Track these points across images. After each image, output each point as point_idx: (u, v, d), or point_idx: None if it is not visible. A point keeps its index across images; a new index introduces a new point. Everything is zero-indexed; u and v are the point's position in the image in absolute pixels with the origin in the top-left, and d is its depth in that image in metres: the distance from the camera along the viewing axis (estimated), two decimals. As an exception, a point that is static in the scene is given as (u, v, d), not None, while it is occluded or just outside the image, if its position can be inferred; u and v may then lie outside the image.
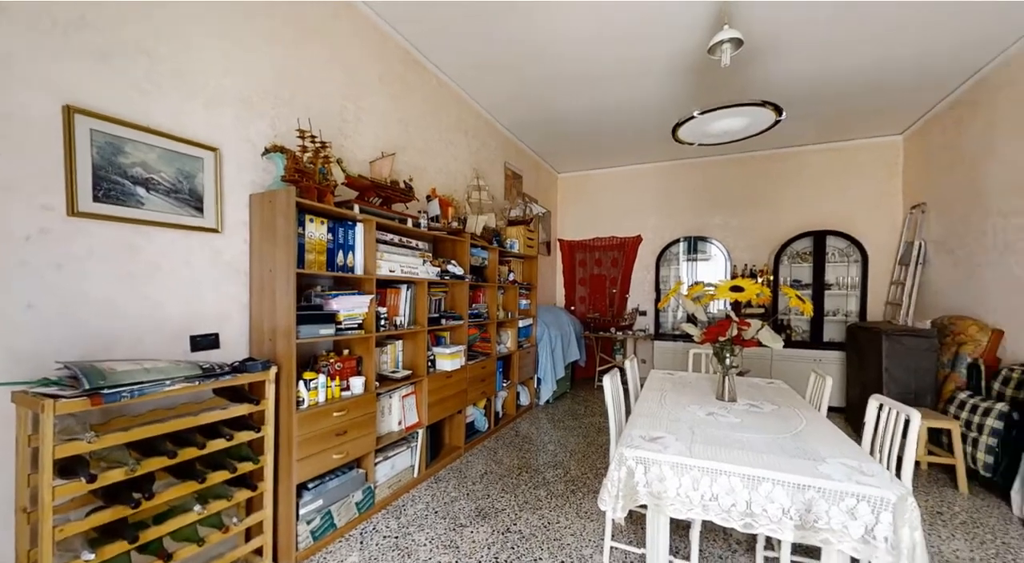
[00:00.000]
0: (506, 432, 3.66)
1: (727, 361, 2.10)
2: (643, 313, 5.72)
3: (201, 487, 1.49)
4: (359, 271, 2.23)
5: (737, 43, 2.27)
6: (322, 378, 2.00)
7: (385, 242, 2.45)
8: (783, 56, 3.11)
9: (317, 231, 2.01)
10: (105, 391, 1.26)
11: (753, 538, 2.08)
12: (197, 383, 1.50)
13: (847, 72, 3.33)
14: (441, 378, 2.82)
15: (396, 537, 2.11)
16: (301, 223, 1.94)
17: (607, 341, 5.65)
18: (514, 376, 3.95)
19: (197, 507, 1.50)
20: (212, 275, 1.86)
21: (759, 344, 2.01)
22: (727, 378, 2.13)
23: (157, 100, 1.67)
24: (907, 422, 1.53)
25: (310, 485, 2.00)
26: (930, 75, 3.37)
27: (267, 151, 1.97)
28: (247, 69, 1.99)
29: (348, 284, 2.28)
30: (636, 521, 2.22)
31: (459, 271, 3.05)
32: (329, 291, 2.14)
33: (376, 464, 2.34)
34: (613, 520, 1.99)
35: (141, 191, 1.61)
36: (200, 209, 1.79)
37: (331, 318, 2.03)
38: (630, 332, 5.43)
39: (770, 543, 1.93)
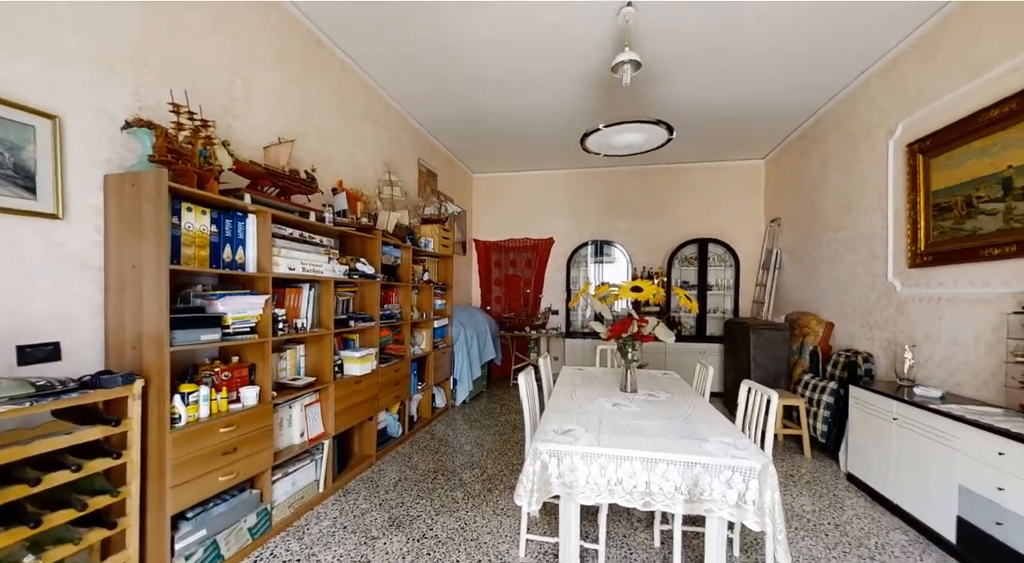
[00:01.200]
0: (421, 436, 3.56)
1: (629, 355, 2.28)
2: (555, 312, 5.97)
3: (35, 532, 1.21)
4: (251, 268, 1.99)
5: (636, 65, 2.48)
6: (204, 390, 1.75)
7: (284, 237, 2.22)
8: (673, 82, 3.48)
9: (197, 222, 1.76)
10: None
11: (651, 515, 2.28)
12: (28, 404, 1.21)
13: (721, 102, 3.84)
14: (350, 383, 2.64)
15: (298, 560, 1.92)
16: (176, 212, 1.68)
17: (522, 340, 5.79)
18: (429, 378, 3.86)
19: (29, 557, 1.21)
20: (50, 271, 1.51)
21: (656, 339, 2.22)
22: (629, 371, 2.31)
23: (-34, 49, 1.32)
24: (768, 402, 1.80)
25: (189, 514, 1.73)
26: (782, 111, 4.02)
27: (128, 125, 1.66)
28: (105, 27, 1.66)
29: (238, 283, 2.02)
30: (549, 512, 2.30)
31: (369, 270, 2.88)
32: (214, 290, 1.88)
33: (274, 482, 2.11)
34: (528, 513, 2.04)
35: (-61, 163, 1.26)
36: (31, 189, 1.45)
37: (216, 321, 1.78)
38: (543, 331, 5.64)
39: (665, 517, 2.13)
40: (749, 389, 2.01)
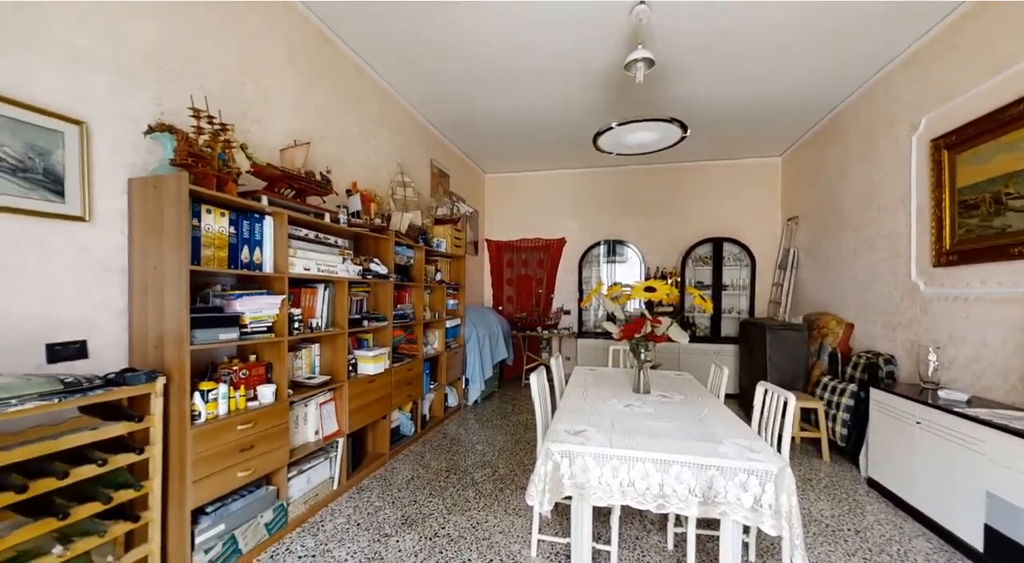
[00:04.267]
0: (433, 435, 3.58)
1: (642, 356, 2.25)
2: (567, 312, 5.95)
3: (62, 524, 1.25)
4: (268, 269, 2.03)
5: (649, 63, 2.45)
6: (223, 388, 1.79)
7: (299, 238, 2.26)
8: (687, 80, 3.44)
9: (216, 224, 1.80)
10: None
11: (664, 517, 2.26)
12: (57, 401, 1.26)
13: (736, 100, 3.78)
14: (363, 383, 2.67)
15: (313, 556, 1.95)
16: (196, 214, 1.72)
17: (534, 340, 5.78)
18: (442, 377, 3.88)
19: (57, 548, 1.26)
20: (78, 272, 1.57)
21: (669, 339, 2.19)
22: (642, 372, 2.29)
23: (-1, 58, 1.37)
24: (785, 404, 1.76)
25: (208, 509, 1.77)
26: (800, 107, 3.94)
27: (151, 130, 1.71)
28: (117, 30, 1.70)
29: (255, 283, 2.07)
30: (561, 512, 2.29)
31: (383, 270, 2.92)
32: (232, 291, 1.92)
33: (290, 479, 2.15)
34: (540, 514, 2.04)
35: (-26, 168, 1.31)
36: (60, 193, 1.51)
37: (234, 321, 1.82)
38: (555, 331, 5.62)
39: (679, 520, 2.10)
40: (766, 391, 1.97)
